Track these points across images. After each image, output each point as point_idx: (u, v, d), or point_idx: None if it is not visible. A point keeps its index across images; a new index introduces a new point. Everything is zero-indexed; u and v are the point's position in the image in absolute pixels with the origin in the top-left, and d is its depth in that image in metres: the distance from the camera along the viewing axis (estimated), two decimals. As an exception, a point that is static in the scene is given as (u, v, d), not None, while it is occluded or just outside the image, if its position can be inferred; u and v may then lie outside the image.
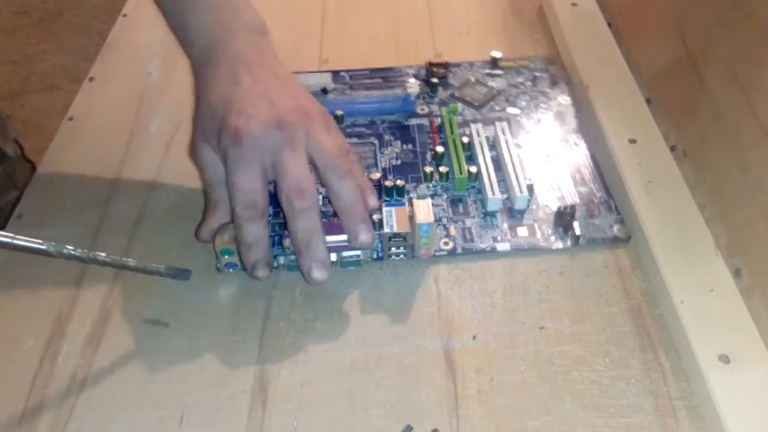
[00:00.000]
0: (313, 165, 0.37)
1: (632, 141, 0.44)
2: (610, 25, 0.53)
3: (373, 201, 0.39)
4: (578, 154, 0.46)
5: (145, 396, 0.35)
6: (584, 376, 0.34)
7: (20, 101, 1.51)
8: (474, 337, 0.36)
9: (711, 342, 0.33)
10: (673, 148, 0.43)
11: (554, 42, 0.55)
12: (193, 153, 0.39)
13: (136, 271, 0.38)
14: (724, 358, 0.33)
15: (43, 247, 0.34)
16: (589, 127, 0.47)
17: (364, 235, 0.37)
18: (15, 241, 0.33)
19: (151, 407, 0.34)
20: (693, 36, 0.44)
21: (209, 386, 0.35)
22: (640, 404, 0.33)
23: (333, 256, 0.39)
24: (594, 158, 0.45)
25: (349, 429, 0.33)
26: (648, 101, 0.46)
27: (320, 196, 0.42)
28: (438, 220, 0.42)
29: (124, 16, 0.61)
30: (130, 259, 0.37)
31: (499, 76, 0.52)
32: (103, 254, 0.36)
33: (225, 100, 0.37)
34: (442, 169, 0.44)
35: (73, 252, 0.35)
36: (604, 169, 0.44)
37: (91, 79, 0.55)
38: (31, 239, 0.34)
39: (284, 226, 0.38)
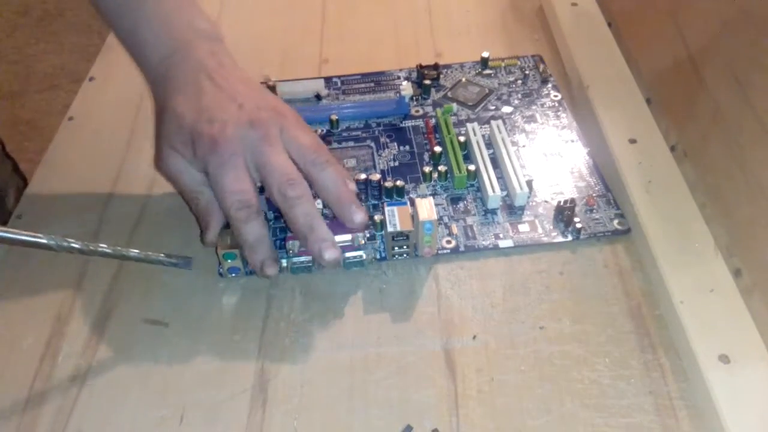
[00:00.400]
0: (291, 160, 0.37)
1: (632, 141, 0.44)
2: (610, 25, 0.53)
3: (352, 186, 0.39)
4: (574, 149, 0.46)
5: (145, 396, 0.35)
6: (584, 375, 0.34)
7: (20, 101, 1.51)
8: (474, 337, 0.36)
9: (711, 342, 0.33)
10: (673, 148, 0.43)
11: (554, 42, 0.55)
12: (160, 163, 0.39)
13: (139, 261, 0.38)
14: (724, 358, 0.33)
15: (44, 240, 0.34)
16: (589, 127, 0.47)
17: (359, 215, 0.37)
18: (16, 236, 0.33)
19: (151, 407, 0.34)
20: (693, 36, 0.44)
21: (209, 386, 0.35)
22: (640, 404, 0.33)
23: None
24: (590, 152, 0.45)
25: (349, 429, 0.33)
26: (648, 101, 0.46)
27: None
28: (440, 218, 0.42)
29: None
30: (132, 250, 0.37)
31: (489, 76, 0.52)
32: (104, 245, 0.36)
33: (192, 109, 0.37)
34: (441, 168, 0.44)
35: (74, 245, 0.35)
36: (604, 169, 0.44)
37: (91, 79, 0.55)
38: (32, 233, 0.34)
39: (286, 228, 0.38)
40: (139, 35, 0.40)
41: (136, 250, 0.38)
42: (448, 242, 0.41)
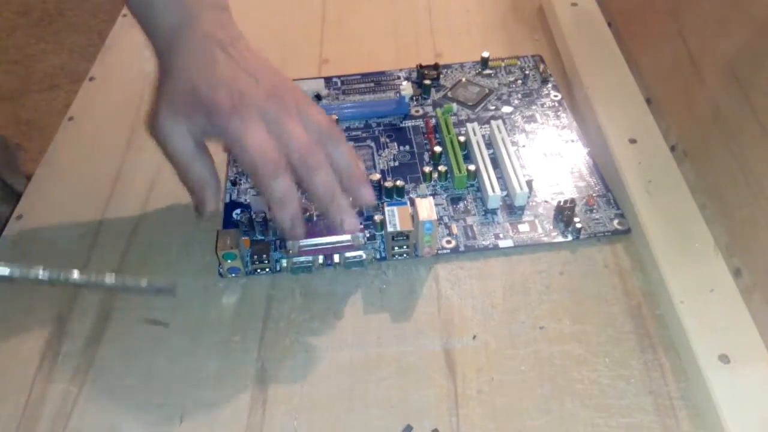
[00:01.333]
0: None
1: (632, 141, 0.44)
2: (610, 25, 0.53)
3: (362, 167, 0.38)
4: (574, 149, 0.46)
5: (145, 396, 0.35)
6: (584, 375, 0.34)
7: (20, 101, 1.51)
8: (474, 337, 0.36)
9: (711, 342, 0.33)
10: (673, 148, 0.43)
11: (554, 42, 0.55)
12: (155, 124, 0.37)
13: (115, 291, 0.36)
14: (724, 358, 0.33)
15: (5, 273, 0.31)
16: (589, 127, 0.47)
17: (369, 194, 0.37)
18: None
19: (152, 407, 0.34)
20: (693, 36, 0.44)
21: (209, 386, 0.35)
22: (640, 404, 0.33)
23: (336, 257, 0.39)
24: (590, 152, 0.45)
25: (349, 429, 0.33)
26: (648, 101, 0.46)
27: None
28: (440, 218, 0.42)
29: (124, 15, 0.61)
30: (107, 277, 0.34)
31: (489, 75, 0.52)
32: (75, 274, 0.33)
33: (206, 79, 0.36)
34: (441, 168, 0.44)
35: (41, 276, 0.32)
36: (604, 169, 0.44)
37: (91, 79, 0.55)
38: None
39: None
40: (150, 6, 0.40)
41: (113, 279, 0.34)
42: (448, 242, 0.41)
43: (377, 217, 0.41)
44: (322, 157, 0.36)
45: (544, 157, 0.46)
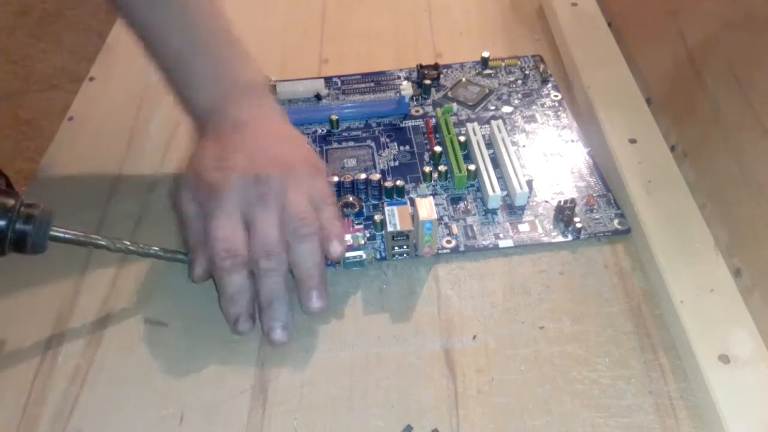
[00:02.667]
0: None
1: (632, 141, 0.44)
2: (610, 24, 0.53)
3: (339, 249, 0.37)
4: (574, 149, 0.46)
5: (146, 395, 0.35)
6: (584, 376, 0.34)
7: (20, 101, 1.50)
8: (474, 337, 0.36)
9: (711, 342, 0.33)
10: (673, 148, 0.43)
11: (554, 42, 0.55)
12: (174, 199, 0.39)
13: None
14: (724, 358, 0.33)
15: (102, 242, 0.37)
16: (589, 127, 0.47)
17: (315, 304, 0.36)
18: (73, 236, 0.36)
19: (151, 407, 0.34)
20: (693, 36, 0.44)
21: (209, 386, 0.35)
22: (640, 404, 0.33)
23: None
24: (590, 152, 0.45)
25: (349, 429, 0.33)
26: (648, 101, 0.46)
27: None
28: (440, 218, 0.42)
29: (124, 16, 0.61)
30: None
31: (489, 75, 0.52)
32: (156, 247, 0.38)
33: (211, 155, 0.38)
34: (441, 168, 0.44)
35: (130, 247, 0.37)
36: (604, 169, 0.44)
37: (91, 78, 0.55)
38: (89, 234, 0.36)
39: None
40: (188, 90, 0.41)
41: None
42: (448, 242, 0.41)
43: (377, 217, 0.41)
44: (276, 261, 0.35)
45: (544, 157, 0.46)
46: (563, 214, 0.41)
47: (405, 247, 0.39)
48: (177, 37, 0.41)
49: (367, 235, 0.41)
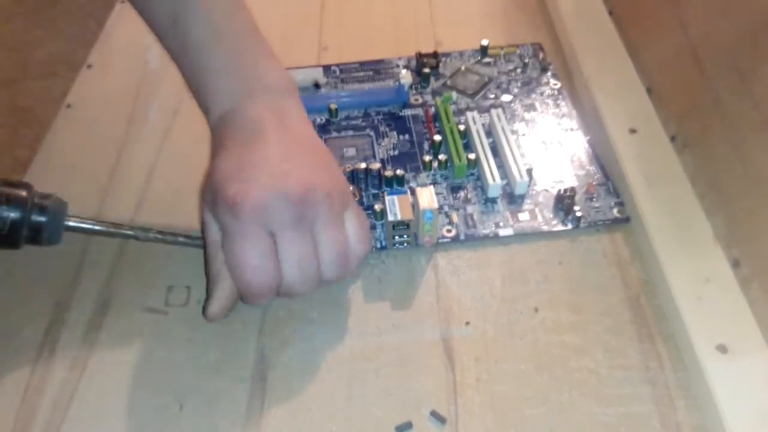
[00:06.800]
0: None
1: (632, 131, 0.44)
2: (611, 13, 0.53)
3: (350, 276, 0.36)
4: (574, 138, 0.46)
5: (145, 384, 0.35)
6: (582, 365, 0.34)
7: (18, 89, 1.50)
8: (467, 323, 0.36)
9: (709, 332, 0.33)
10: (673, 139, 0.43)
11: (554, 30, 0.55)
12: (201, 221, 0.36)
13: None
14: (722, 348, 0.33)
15: (131, 233, 0.37)
16: (589, 116, 0.47)
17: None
18: (98, 227, 0.36)
19: (151, 395, 0.34)
20: (694, 25, 0.44)
21: (209, 375, 0.35)
22: (638, 394, 0.33)
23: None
24: (590, 141, 0.45)
25: (347, 418, 0.33)
26: (648, 91, 0.46)
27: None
28: (440, 207, 0.42)
29: (122, 2, 0.61)
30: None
31: (489, 64, 0.52)
32: (182, 237, 0.38)
33: (230, 165, 0.33)
34: (441, 157, 0.44)
35: (158, 236, 0.38)
36: (604, 159, 0.44)
37: (89, 66, 0.55)
38: (116, 224, 0.37)
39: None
40: (206, 86, 0.37)
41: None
42: (449, 231, 0.41)
43: (377, 207, 0.41)
44: (309, 289, 0.34)
45: (544, 145, 0.45)
46: (563, 203, 0.41)
47: (405, 236, 0.39)
48: (198, 28, 0.37)
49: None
